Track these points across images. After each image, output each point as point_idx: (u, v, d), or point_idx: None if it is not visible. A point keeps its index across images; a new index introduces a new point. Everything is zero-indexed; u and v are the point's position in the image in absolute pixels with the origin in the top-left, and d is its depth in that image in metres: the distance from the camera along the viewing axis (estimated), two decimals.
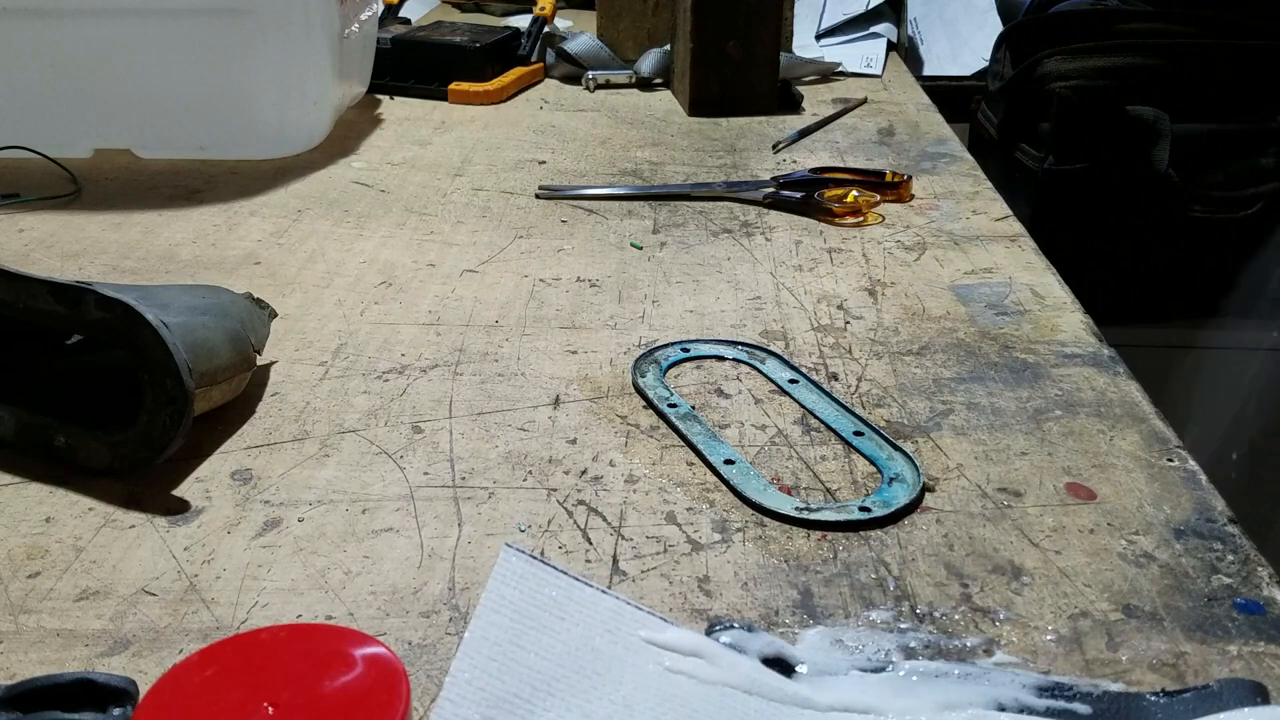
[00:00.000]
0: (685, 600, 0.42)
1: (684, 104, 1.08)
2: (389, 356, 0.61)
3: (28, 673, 0.38)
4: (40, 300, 0.49)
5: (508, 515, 0.47)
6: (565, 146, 0.98)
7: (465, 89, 1.11)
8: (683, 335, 0.63)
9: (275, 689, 0.31)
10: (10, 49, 0.87)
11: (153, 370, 0.48)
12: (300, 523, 0.47)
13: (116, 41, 0.87)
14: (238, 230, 0.79)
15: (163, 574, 0.44)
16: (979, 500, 0.48)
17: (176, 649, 0.40)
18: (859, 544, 0.45)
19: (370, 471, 0.51)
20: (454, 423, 0.55)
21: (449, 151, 0.97)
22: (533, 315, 0.66)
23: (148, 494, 0.49)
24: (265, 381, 0.58)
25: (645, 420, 0.55)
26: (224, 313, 0.55)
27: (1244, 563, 0.44)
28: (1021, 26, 1.35)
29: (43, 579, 0.43)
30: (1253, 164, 1.19)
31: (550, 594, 0.36)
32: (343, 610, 0.42)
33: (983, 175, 0.90)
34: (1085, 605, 0.42)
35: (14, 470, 0.50)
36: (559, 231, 0.79)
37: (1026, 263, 0.72)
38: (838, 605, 0.42)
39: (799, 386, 0.57)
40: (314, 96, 0.93)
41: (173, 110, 0.91)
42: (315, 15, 0.89)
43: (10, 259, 0.73)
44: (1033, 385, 0.57)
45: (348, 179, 0.90)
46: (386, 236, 0.78)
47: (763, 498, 0.48)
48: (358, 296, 0.68)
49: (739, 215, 0.81)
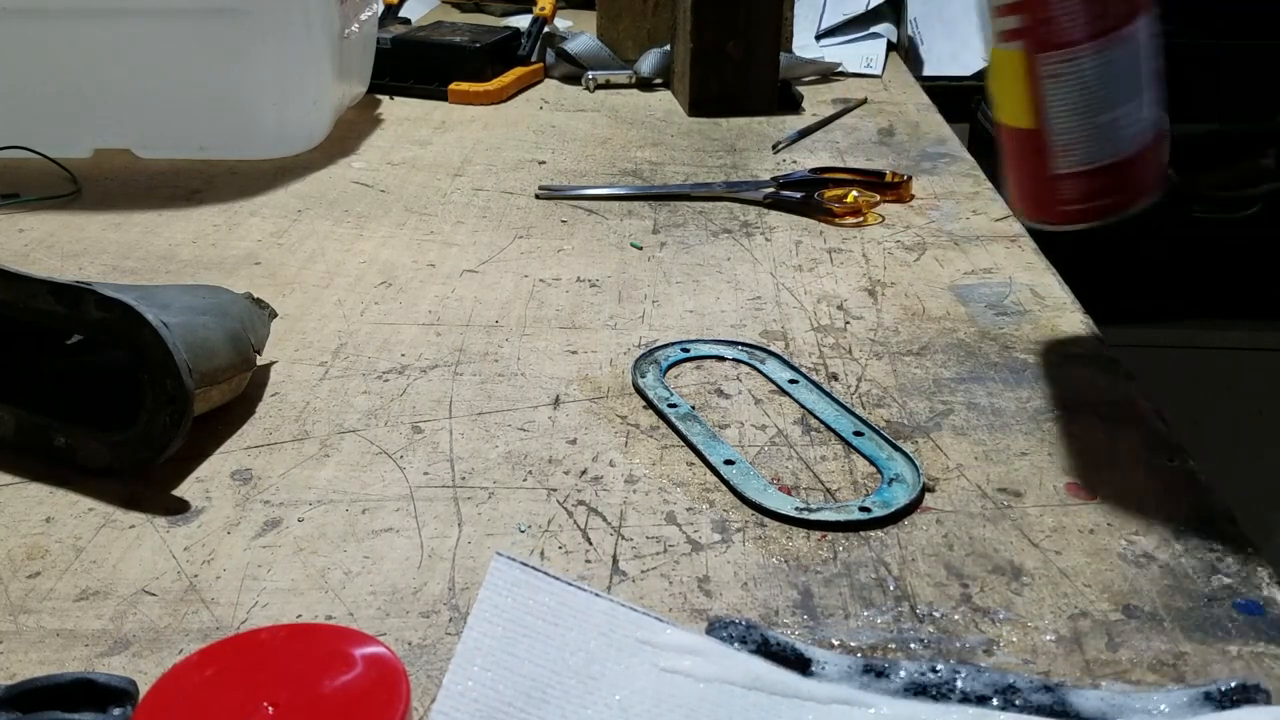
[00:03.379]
0: (685, 600, 0.42)
1: (684, 104, 1.08)
2: (389, 356, 0.61)
3: (28, 673, 0.38)
4: (40, 300, 0.49)
5: (508, 515, 0.47)
6: (565, 146, 0.98)
7: (465, 89, 1.11)
8: (683, 335, 0.63)
9: (275, 689, 0.31)
10: (10, 49, 0.87)
11: (153, 370, 0.48)
12: (300, 523, 0.47)
13: (116, 41, 0.87)
14: (238, 230, 0.79)
15: (163, 574, 0.44)
16: (979, 500, 0.48)
17: (176, 649, 0.40)
18: (859, 544, 0.45)
19: (370, 471, 0.51)
20: (454, 423, 0.55)
21: (449, 151, 0.97)
22: (533, 315, 0.66)
23: (148, 494, 0.49)
24: (265, 381, 0.58)
25: (645, 420, 0.55)
26: (224, 313, 0.55)
27: (1244, 563, 0.44)
28: None
29: (43, 579, 0.43)
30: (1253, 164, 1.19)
31: (543, 600, 0.36)
32: (343, 610, 0.42)
33: (983, 175, 0.90)
34: (1085, 605, 0.42)
35: (14, 470, 0.50)
36: (559, 231, 0.79)
37: (1026, 263, 0.72)
38: (838, 605, 0.42)
39: (799, 386, 0.57)
40: (314, 96, 0.93)
41: (172, 110, 0.91)
42: (315, 15, 0.89)
43: (10, 259, 0.73)
44: (1033, 385, 0.57)
45: (348, 179, 0.90)
46: (386, 236, 0.78)
47: (763, 498, 0.48)
48: (358, 296, 0.68)
49: (739, 215, 0.81)
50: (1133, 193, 0.56)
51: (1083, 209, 0.56)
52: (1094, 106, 0.53)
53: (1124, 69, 0.53)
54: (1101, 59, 0.53)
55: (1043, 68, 0.53)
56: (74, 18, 0.86)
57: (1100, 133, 0.54)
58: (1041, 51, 0.53)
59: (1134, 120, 0.54)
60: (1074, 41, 0.52)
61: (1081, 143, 0.54)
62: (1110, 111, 0.53)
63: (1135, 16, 0.52)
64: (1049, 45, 0.53)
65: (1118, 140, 0.54)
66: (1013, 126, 0.56)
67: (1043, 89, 0.54)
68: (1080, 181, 0.55)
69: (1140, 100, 0.54)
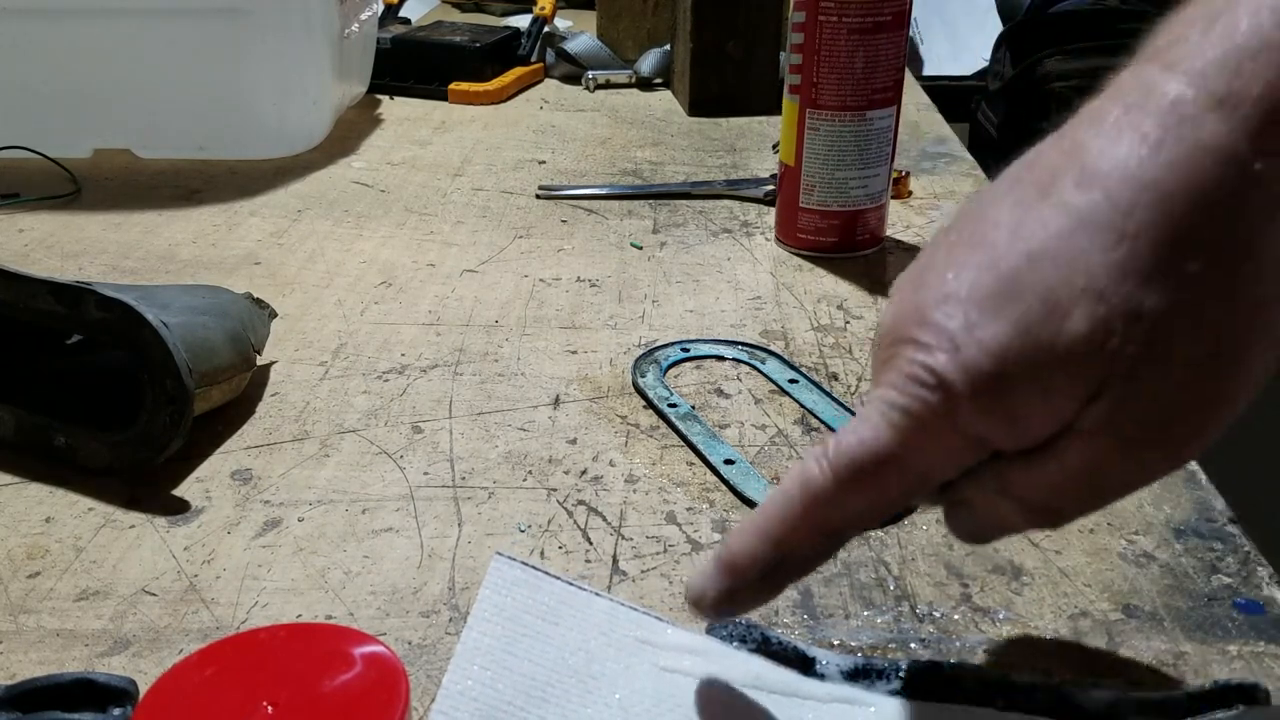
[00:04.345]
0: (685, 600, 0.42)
1: (684, 104, 1.08)
2: (389, 356, 0.61)
3: (28, 673, 0.38)
4: (40, 300, 0.49)
5: (508, 515, 0.47)
6: (565, 146, 0.98)
7: (465, 89, 1.11)
8: (683, 335, 0.63)
9: (275, 689, 0.31)
10: (10, 49, 0.87)
11: (153, 370, 0.48)
12: (300, 523, 0.47)
13: (116, 41, 0.87)
14: (238, 230, 0.79)
15: (163, 574, 0.44)
16: None
17: (176, 649, 0.40)
18: (859, 544, 0.45)
19: (370, 471, 0.51)
20: (454, 423, 0.55)
21: (449, 151, 0.97)
22: (533, 315, 0.66)
23: (148, 494, 0.49)
24: (265, 381, 0.58)
25: (645, 420, 0.55)
26: (224, 313, 0.55)
27: (1244, 563, 0.44)
28: (1021, 26, 1.35)
29: (43, 579, 0.43)
30: None
31: (543, 600, 0.36)
32: (343, 610, 0.42)
33: (983, 175, 0.90)
34: (1085, 605, 0.42)
35: (14, 470, 0.50)
36: (559, 231, 0.79)
37: None
38: (838, 605, 0.42)
39: (799, 386, 0.57)
40: (314, 96, 0.93)
41: (173, 110, 0.91)
42: (315, 15, 0.89)
43: (10, 259, 0.73)
44: None
45: (348, 179, 0.90)
46: (386, 236, 0.78)
47: (763, 498, 0.48)
48: (358, 296, 0.68)
49: (739, 215, 0.81)
50: (848, 240, 0.73)
51: (813, 240, 0.73)
52: (834, 163, 0.70)
53: (863, 142, 0.70)
54: (847, 128, 0.70)
55: (806, 121, 0.70)
56: (74, 18, 0.86)
57: (835, 185, 0.71)
58: (807, 108, 0.70)
59: (861, 185, 0.71)
60: (829, 108, 0.69)
61: (820, 187, 0.71)
62: (845, 171, 0.71)
63: (877, 107, 0.69)
64: (812, 105, 0.70)
65: (846, 195, 0.71)
66: (782, 162, 0.73)
67: (804, 138, 0.71)
68: (815, 218, 0.72)
69: (868, 171, 0.71)
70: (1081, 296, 0.28)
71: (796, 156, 0.71)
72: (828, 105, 0.69)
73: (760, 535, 0.33)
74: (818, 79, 0.69)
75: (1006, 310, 0.29)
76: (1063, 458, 0.30)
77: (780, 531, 0.33)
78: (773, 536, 0.33)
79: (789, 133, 0.72)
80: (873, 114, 0.69)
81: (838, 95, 0.69)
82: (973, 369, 0.29)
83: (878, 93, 0.69)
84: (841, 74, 0.68)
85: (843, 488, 0.31)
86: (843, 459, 0.31)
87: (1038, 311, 0.29)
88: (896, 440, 0.31)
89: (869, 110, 0.69)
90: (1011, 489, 0.32)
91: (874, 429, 0.31)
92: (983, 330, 0.29)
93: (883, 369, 0.32)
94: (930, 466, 0.31)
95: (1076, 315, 0.28)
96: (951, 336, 0.30)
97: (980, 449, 0.31)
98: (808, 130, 0.70)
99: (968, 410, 0.30)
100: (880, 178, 0.72)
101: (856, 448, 0.31)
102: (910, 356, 0.31)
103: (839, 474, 0.31)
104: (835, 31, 0.67)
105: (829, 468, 0.32)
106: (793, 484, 0.32)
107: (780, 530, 0.33)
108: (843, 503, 0.32)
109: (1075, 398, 0.29)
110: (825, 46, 0.68)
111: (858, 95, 0.69)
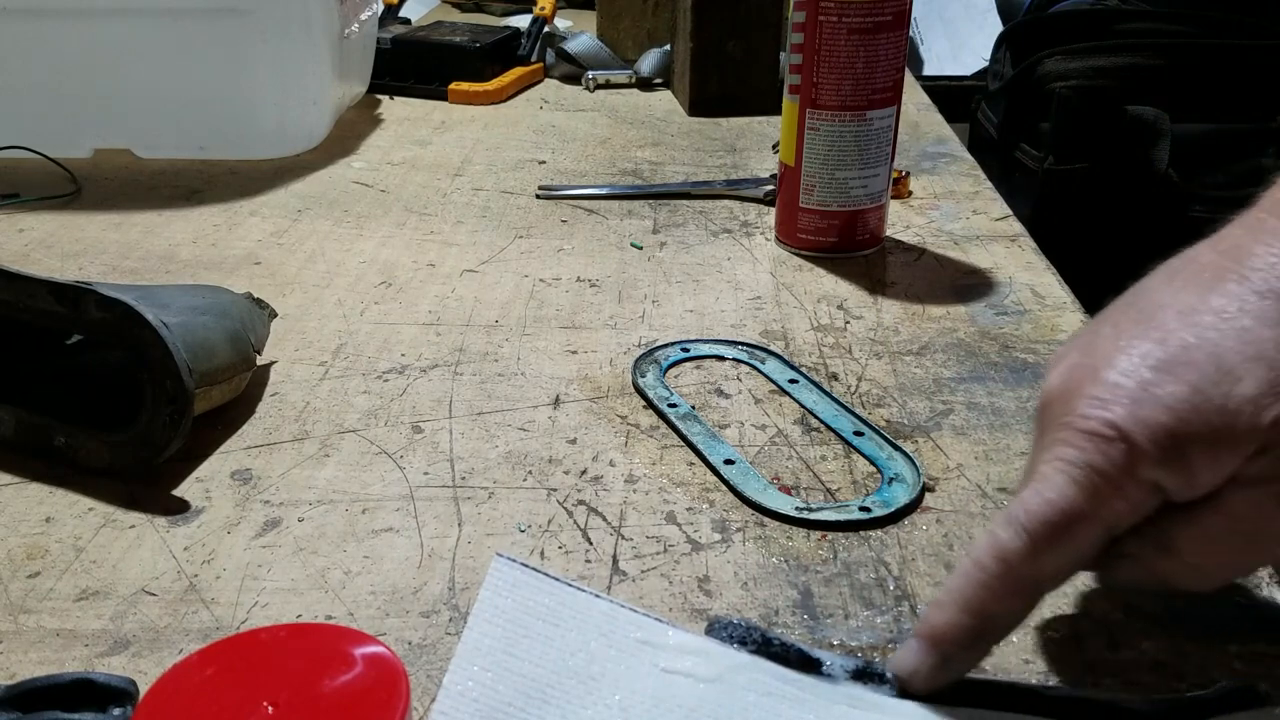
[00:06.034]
0: (685, 600, 0.42)
1: (684, 104, 1.08)
2: (389, 356, 0.61)
3: (28, 673, 0.38)
4: (40, 300, 0.49)
5: (508, 515, 0.47)
6: (565, 146, 0.98)
7: (465, 89, 1.11)
8: (683, 335, 0.63)
9: (275, 689, 0.31)
10: (10, 49, 0.87)
11: (153, 370, 0.48)
12: (300, 523, 0.47)
13: (116, 41, 0.87)
14: (238, 230, 0.79)
15: (163, 574, 0.44)
16: (979, 500, 0.48)
17: (176, 649, 0.40)
18: (859, 544, 0.45)
19: (370, 471, 0.51)
20: (454, 423, 0.55)
21: (449, 151, 0.97)
22: (533, 315, 0.66)
23: (148, 494, 0.49)
24: (265, 381, 0.58)
25: (645, 420, 0.55)
26: (224, 313, 0.55)
27: None
28: (1021, 26, 1.35)
29: (43, 579, 0.43)
30: (1253, 164, 1.19)
31: (543, 601, 0.36)
32: (343, 610, 0.42)
33: (983, 175, 0.90)
34: (1085, 605, 0.42)
35: (14, 470, 0.50)
36: (559, 231, 0.79)
37: (1026, 263, 0.72)
38: (838, 605, 0.42)
39: (799, 386, 0.57)
40: (314, 96, 0.93)
41: (173, 110, 0.91)
42: (315, 15, 0.89)
43: (10, 259, 0.73)
44: (1033, 385, 0.57)
45: (348, 179, 0.90)
46: (386, 236, 0.78)
47: (763, 498, 0.48)
48: (358, 296, 0.68)
49: (739, 215, 0.81)
50: (848, 240, 0.73)
51: (813, 240, 0.73)
52: (834, 163, 0.70)
53: (863, 142, 0.70)
54: (847, 129, 0.70)
55: (806, 121, 0.70)
56: (74, 18, 0.86)
57: (835, 184, 0.71)
58: (807, 108, 0.70)
59: (861, 184, 0.71)
60: (828, 108, 0.69)
61: (820, 187, 0.71)
62: (845, 170, 0.70)
63: (877, 108, 0.69)
64: (812, 105, 0.70)
65: (846, 195, 0.71)
66: (782, 162, 0.74)
67: (804, 138, 0.71)
68: (815, 218, 0.72)
69: (868, 171, 0.71)
70: (1251, 364, 0.32)
71: (796, 156, 0.71)
72: (828, 105, 0.69)
73: (961, 606, 0.34)
74: (818, 79, 0.69)
75: (1180, 373, 0.32)
76: (1225, 508, 0.33)
77: (981, 600, 0.34)
78: (973, 607, 0.34)
79: (789, 133, 0.72)
80: (873, 114, 0.70)
81: (838, 95, 0.69)
82: (1151, 422, 0.32)
83: (878, 93, 0.69)
84: (841, 74, 0.68)
85: (1038, 550, 0.33)
86: (1035, 521, 0.33)
87: (1211, 375, 0.32)
88: (1083, 496, 0.33)
89: (869, 110, 0.69)
90: (1173, 543, 0.34)
91: (1058, 488, 0.33)
92: (1159, 388, 0.32)
93: (1053, 429, 0.34)
94: (1118, 517, 0.33)
95: (1247, 379, 0.32)
96: (1129, 393, 0.33)
97: (1156, 496, 0.33)
98: (808, 130, 0.70)
99: (1148, 462, 0.32)
100: (880, 178, 0.72)
101: (1047, 509, 0.33)
102: (1087, 413, 0.33)
103: (1034, 537, 0.33)
104: (835, 31, 0.67)
105: (1024, 531, 0.33)
106: (986, 554, 0.34)
107: (981, 599, 0.34)
108: (1040, 564, 0.33)
109: (1241, 453, 0.32)
110: (825, 46, 0.68)
111: (858, 95, 0.69)
